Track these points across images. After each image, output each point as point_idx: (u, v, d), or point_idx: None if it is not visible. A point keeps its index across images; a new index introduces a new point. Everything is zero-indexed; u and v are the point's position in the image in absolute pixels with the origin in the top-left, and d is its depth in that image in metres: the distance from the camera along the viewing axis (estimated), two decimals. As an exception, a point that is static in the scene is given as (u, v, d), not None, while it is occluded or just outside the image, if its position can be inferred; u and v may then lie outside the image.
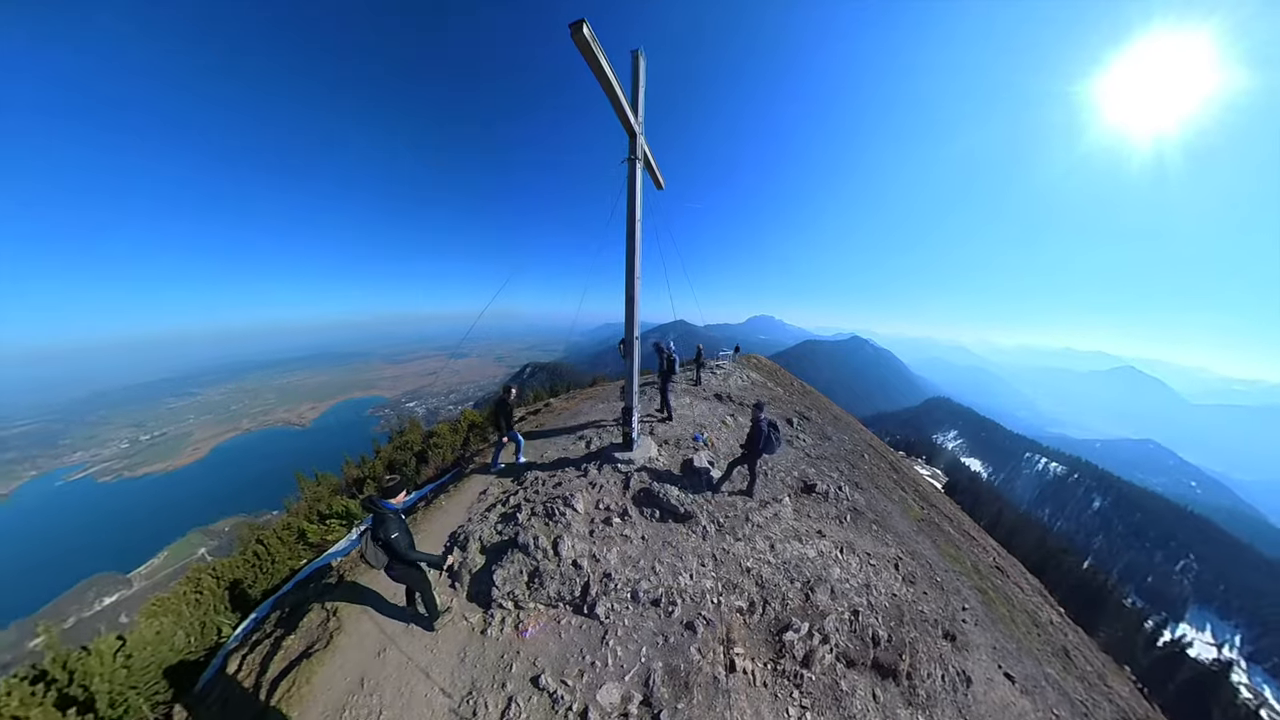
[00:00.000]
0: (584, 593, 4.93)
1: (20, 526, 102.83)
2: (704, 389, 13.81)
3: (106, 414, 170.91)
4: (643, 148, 6.88)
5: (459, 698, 3.95)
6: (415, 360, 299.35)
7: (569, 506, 5.91)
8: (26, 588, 74.83)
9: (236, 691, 4.34)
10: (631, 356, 7.08)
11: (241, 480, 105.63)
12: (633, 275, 6.82)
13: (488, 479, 7.46)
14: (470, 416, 12.03)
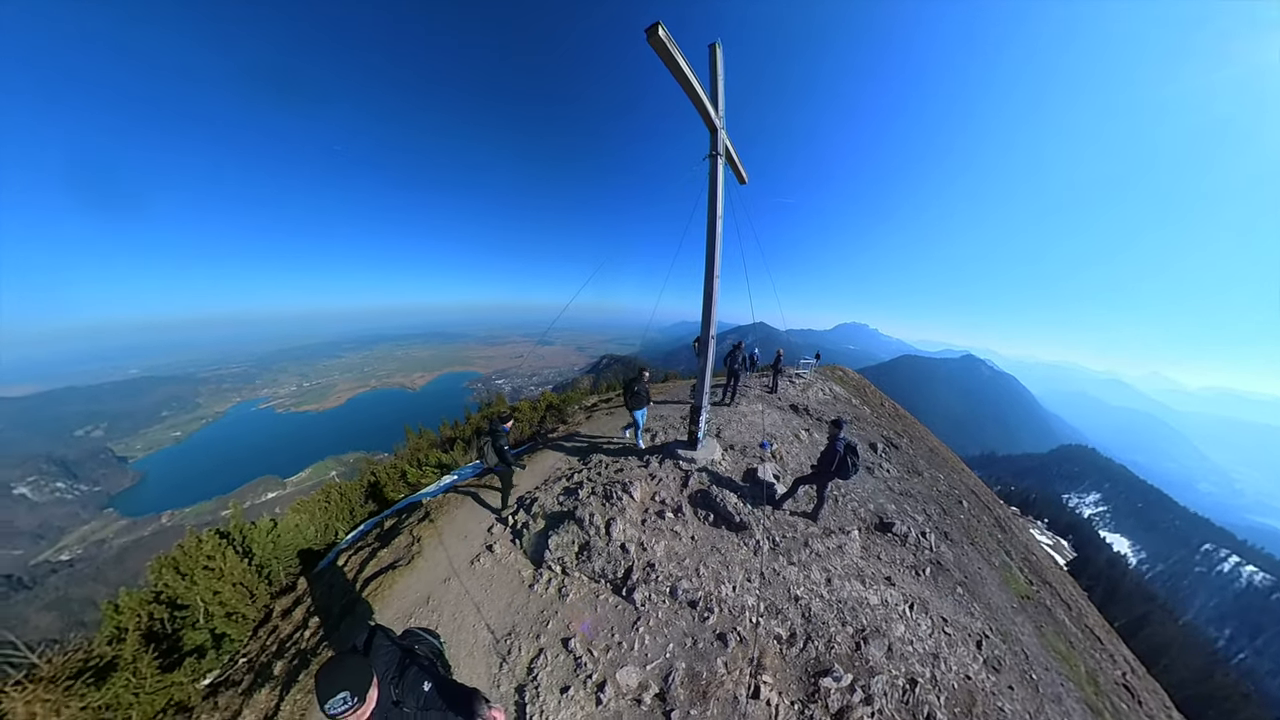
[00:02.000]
0: (626, 576, 5.16)
1: (226, 434, 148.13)
2: (780, 398, 13.10)
3: (284, 365, 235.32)
4: (724, 142, 6.76)
5: (500, 636, 4.44)
6: (506, 344, 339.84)
7: (626, 493, 6.17)
8: (224, 475, 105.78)
9: (340, 580, 5.48)
10: (705, 356, 7.03)
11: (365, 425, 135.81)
12: (711, 273, 6.76)
13: (559, 455, 8.02)
14: (548, 398, 13.05)
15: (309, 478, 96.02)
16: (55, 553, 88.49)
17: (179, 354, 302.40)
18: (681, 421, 9.44)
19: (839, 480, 6.46)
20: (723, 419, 9.95)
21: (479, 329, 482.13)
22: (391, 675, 2.25)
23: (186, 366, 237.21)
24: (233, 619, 5.53)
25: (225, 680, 4.89)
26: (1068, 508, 76.23)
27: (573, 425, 9.84)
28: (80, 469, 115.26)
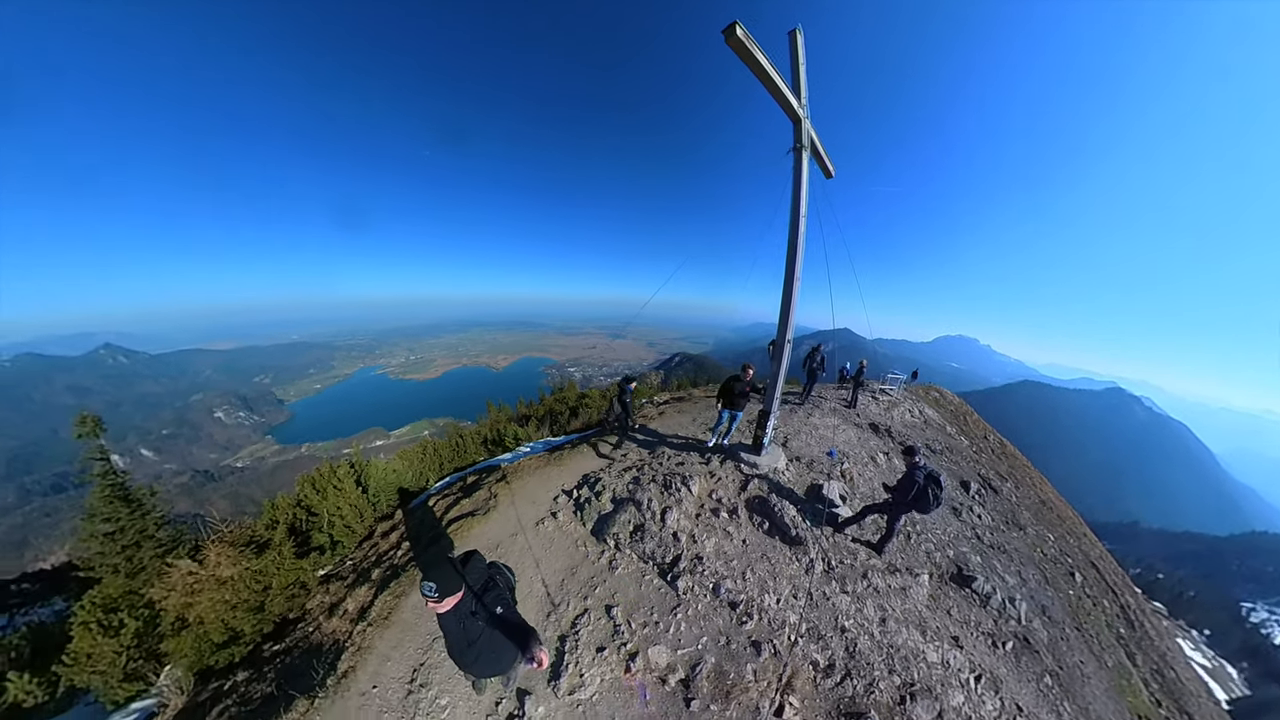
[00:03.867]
0: (673, 563, 5.31)
1: (351, 391, 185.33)
2: (858, 414, 11.88)
3: (398, 340, 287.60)
4: (809, 134, 6.40)
5: (553, 590, 4.88)
6: (581, 334, 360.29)
7: (685, 485, 6.29)
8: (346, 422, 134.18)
9: (429, 517, 6.43)
10: (779, 360, 6.82)
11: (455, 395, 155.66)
12: (792, 274, 6.48)
13: (626, 442, 8.36)
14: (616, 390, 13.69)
15: (407, 433, 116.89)
16: (234, 460, 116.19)
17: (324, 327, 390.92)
18: (748, 425, 9.26)
19: (916, 514, 5.88)
20: (791, 428, 9.53)
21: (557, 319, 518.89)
22: (477, 590, 2.75)
23: (328, 336, 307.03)
24: (346, 530, 6.84)
25: (335, 574, 6.09)
26: (1247, 622, 54.42)
27: (640, 416, 10.17)
28: (254, 405, 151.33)
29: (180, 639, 4.92)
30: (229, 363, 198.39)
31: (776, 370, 6.94)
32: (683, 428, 9.32)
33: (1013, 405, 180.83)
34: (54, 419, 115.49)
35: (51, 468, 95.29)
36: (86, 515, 6.30)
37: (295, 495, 7.08)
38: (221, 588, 5.30)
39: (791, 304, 6.64)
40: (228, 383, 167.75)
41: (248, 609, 5.30)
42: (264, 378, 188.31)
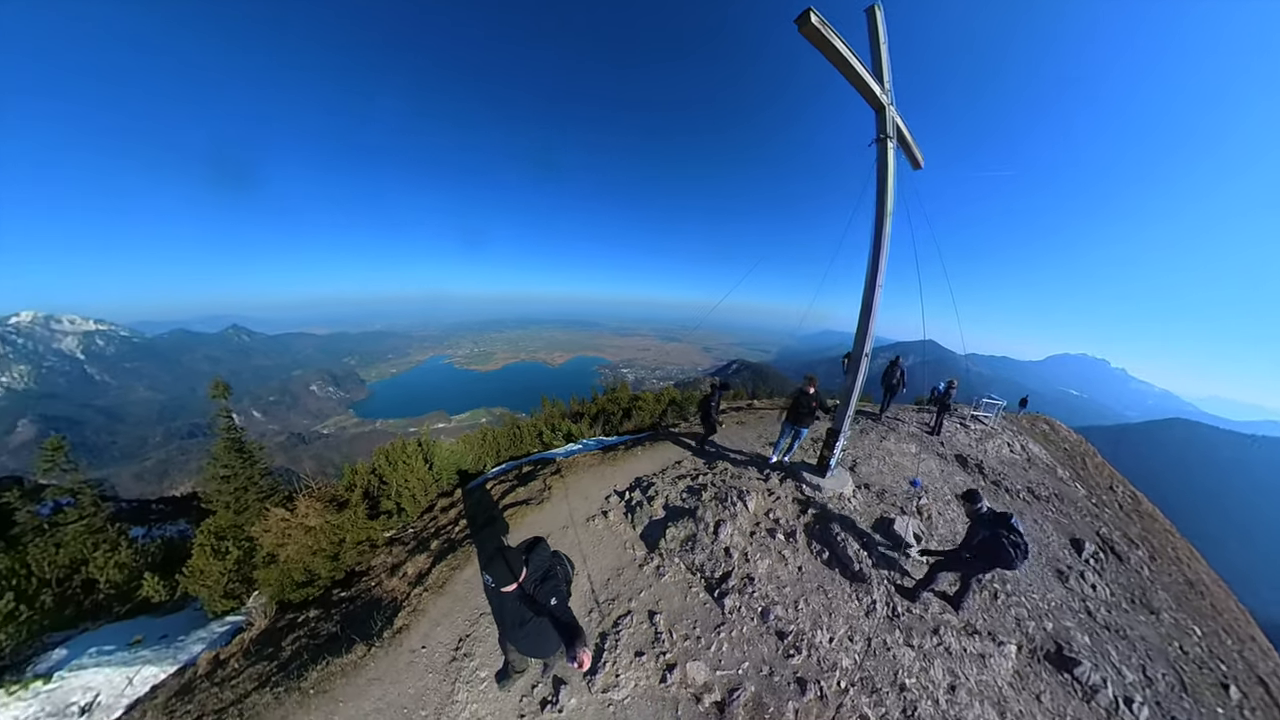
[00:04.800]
0: (722, 579, 5.11)
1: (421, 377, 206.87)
2: (943, 443, 10.44)
3: (464, 333, 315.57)
4: (894, 121, 5.81)
5: (599, 588, 4.90)
6: (635, 336, 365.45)
7: (741, 500, 6.05)
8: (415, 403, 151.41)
9: (486, 499, 6.77)
10: (855, 374, 6.30)
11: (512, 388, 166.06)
12: (874, 280, 5.93)
13: (679, 450, 8.26)
14: (671, 394, 13.54)
15: (466, 419, 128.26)
16: (321, 427, 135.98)
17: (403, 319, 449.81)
18: (813, 444, 8.73)
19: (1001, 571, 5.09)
20: (861, 451, 8.80)
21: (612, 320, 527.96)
22: (538, 577, 2.87)
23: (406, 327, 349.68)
24: (412, 500, 7.47)
25: (398, 539, 6.65)
26: None
27: (694, 425, 9.99)
28: (342, 382, 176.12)
29: (269, 572, 5.67)
30: (325, 345, 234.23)
31: (851, 385, 6.45)
32: (742, 440, 9.00)
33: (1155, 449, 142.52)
34: (193, 381, 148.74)
35: (189, 418, 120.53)
36: (210, 459, 7.73)
37: (371, 464, 7.90)
38: (307, 535, 6.04)
39: (872, 312, 6.10)
40: (322, 362, 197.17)
41: (325, 556, 5.97)
42: (351, 360, 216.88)
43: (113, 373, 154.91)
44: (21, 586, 5.62)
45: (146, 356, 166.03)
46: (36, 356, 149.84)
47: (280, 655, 4.57)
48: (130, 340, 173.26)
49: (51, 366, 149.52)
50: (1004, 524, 4.71)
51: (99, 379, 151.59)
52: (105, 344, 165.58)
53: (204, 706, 4.09)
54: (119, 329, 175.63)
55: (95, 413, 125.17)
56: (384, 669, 4.15)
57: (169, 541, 7.81)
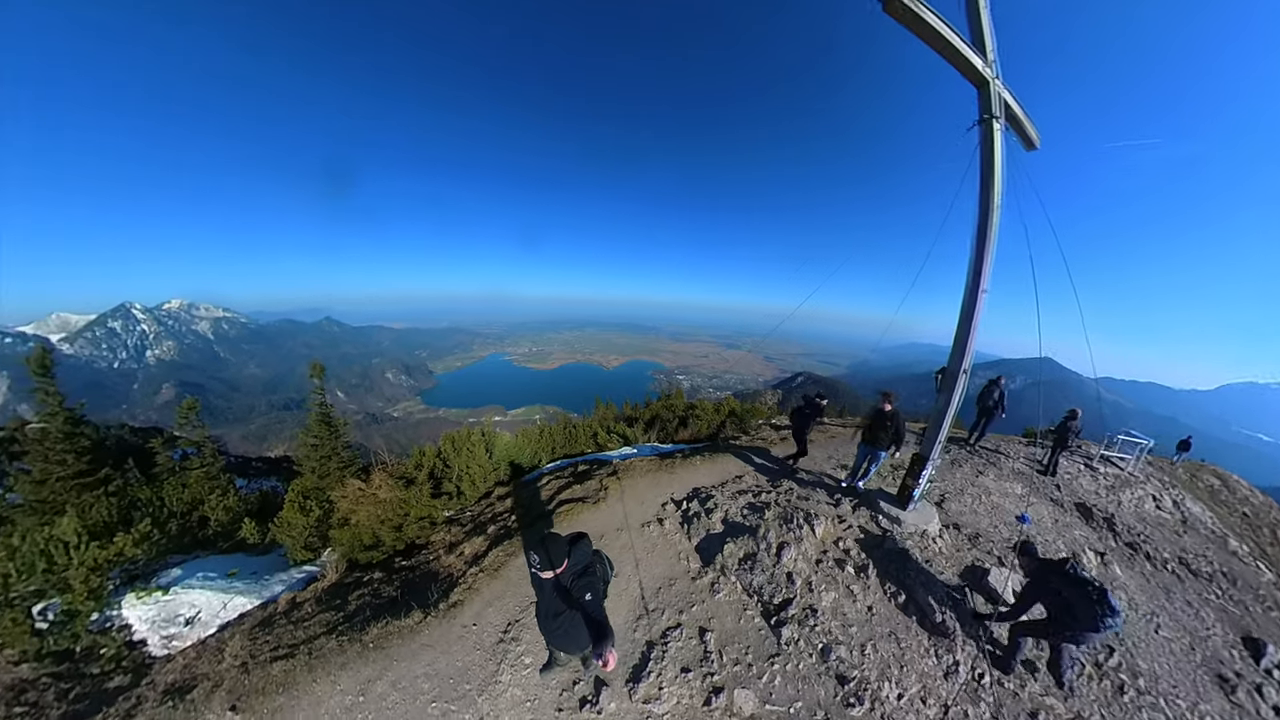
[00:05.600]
0: (781, 606, 4.80)
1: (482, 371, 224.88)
2: (1058, 485, 8.81)
3: (524, 332, 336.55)
4: (1001, 97, 5.14)
5: (649, 596, 4.81)
6: (692, 341, 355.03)
7: (808, 523, 5.69)
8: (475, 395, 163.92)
9: (542, 494, 6.92)
10: (950, 393, 5.57)
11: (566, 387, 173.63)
12: (977, 284, 5.26)
13: (739, 464, 7.97)
14: (731, 404, 13.16)
15: (521, 414, 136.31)
16: (392, 410, 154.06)
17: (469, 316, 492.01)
18: (892, 471, 7.99)
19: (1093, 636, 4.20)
20: (952, 484, 7.81)
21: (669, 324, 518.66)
22: (577, 570, 2.96)
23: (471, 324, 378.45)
24: (471, 485, 7.91)
25: (455, 519, 7.05)
26: None
27: (756, 439, 9.59)
28: (413, 372, 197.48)
29: (342, 532, 6.28)
30: (400, 338, 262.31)
31: (944, 406, 5.77)
32: (809, 459, 8.46)
33: None
34: (293, 362, 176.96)
35: (286, 393, 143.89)
36: (304, 429, 8.87)
37: (437, 448, 8.54)
38: (377, 505, 6.63)
39: (973, 321, 5.38)
40: (397, 353, 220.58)
41: (390, 526, 6.51)
42: (422, 352, 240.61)
43: (233, 352, 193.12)
44: (156, 515, 6.77)
45: (258, 340, 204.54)
46: (179, 335, 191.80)
47: (346, 608, 5.01)
48: (247, 326, 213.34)
49: (190, 344, 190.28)
50: (1097, 591, 3.94)
51: (223, 356, 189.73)
52: (229, 328, 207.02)
53: (280, 640, 4.58)
54: (239, 316, 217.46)
55: (218, 383, 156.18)
56: (436, 638, 4.38)
57: (265, 494, 8.98)
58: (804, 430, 7.36)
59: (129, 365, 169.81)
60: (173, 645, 5.02)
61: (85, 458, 7.88)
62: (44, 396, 7.58)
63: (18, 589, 4.76)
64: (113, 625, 5.06)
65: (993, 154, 5.20)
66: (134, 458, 9.18)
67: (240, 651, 4.50)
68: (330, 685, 4.01)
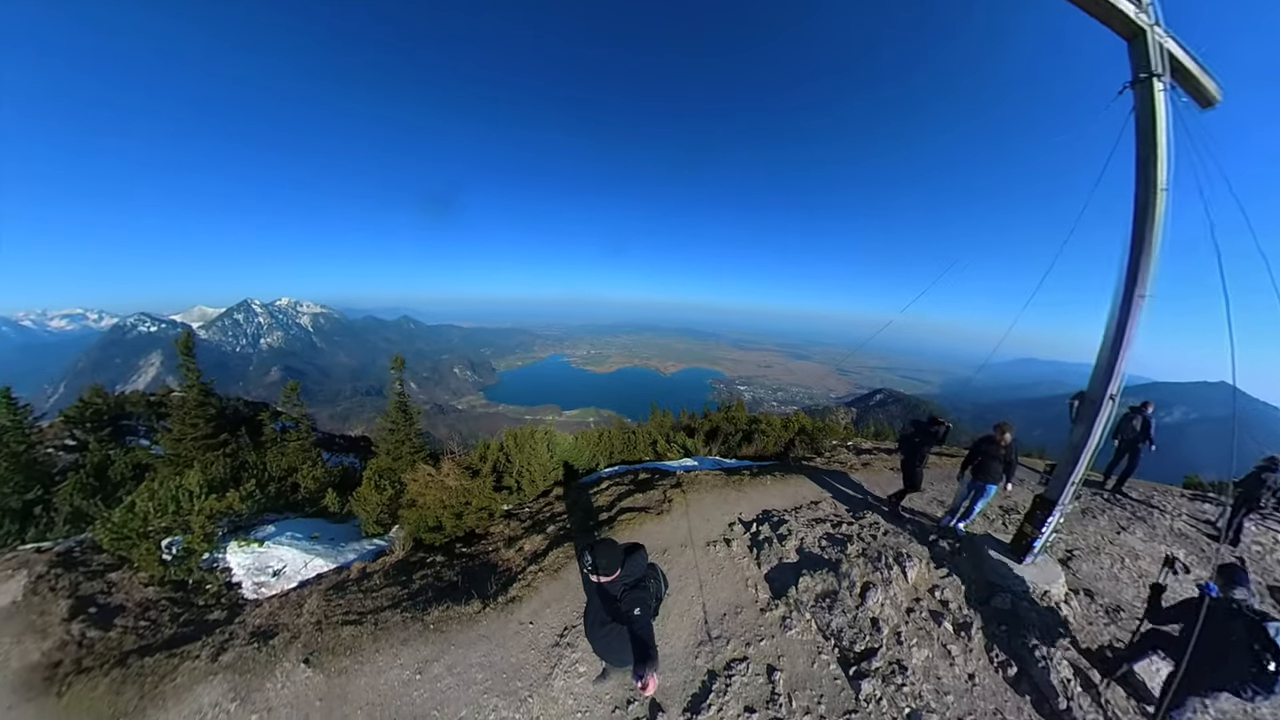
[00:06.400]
0: (862, 656, 4.32)
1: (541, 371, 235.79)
2: (1241, 558, 6.52)
3: (583, 335, 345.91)
4: (1161, 49, 4.24)
5: (712, 622, 4.54)
6: (755, 349, 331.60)
7: (899, 565, 5.11)
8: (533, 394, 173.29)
9: (602, 498, 6.87)
10: (1090, 423, 4.69)
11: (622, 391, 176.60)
12: (1132, 288, 4.41)
13: (815, 488, 7.42)
14: (801, 420, 12.39)
15: (576, 416, 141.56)
16: (456, 403, 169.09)
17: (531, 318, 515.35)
18: (1002, 514, 6.99)
19: None
20: (1084, 539, 6.51)
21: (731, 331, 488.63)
22: (629, 582, 2.88)
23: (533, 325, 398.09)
24: (531, 483, 8.13)
25: (514, 514, 7.23)
26: None
27: (832, 461, 8.89)
28: (478, 368, 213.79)
29: (410, 512, 6.68)
30: (468, 337, 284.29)
31: (1080, 439, 4.83)
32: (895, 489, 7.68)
33: None
34: (375, 354, 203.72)
35: (368, 381, 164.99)
36: (383, 414, 9.91)
37: (500, 442, 8.93)
38: (443, 491, 7.01)
39: (1126, 334, 4.43)
40: (465, 350, 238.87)
41: (452, 513, 6.84)
42: (487, 351, 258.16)
43: (327, 343, 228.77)
44: (259, 477, 7.70)
45: (347, 334, 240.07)
46: (286, 327, 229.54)
47: (410, 585, 5.28)
48: (339, 321, 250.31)
49: (294, 335, 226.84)
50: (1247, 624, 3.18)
51: (319, 346, 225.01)
52: (325, 323, 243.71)
53: (350, 605, 4.91)
54: (334, 312, 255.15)
55: (313, 369, 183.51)
56: (493, 629, 4.45)
57: (345, 469, 9.95)
58: (916, 462, 6.37)
59: (247, 350, 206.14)
60: (261, 592, 5.68)
61: (211, 423, 9.38)
62: (186, 371, 9.35)
63: (153, 524, 5.74)
64: (217, 566, 5.88)
65: (1154, 122, 4.32)
66: (246, 427, 10.66)
67: (316, 609, 4.90)
68: (391, 658, 4.22)
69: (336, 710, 3.85)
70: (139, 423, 11.84)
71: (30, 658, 4.74)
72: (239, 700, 3.98)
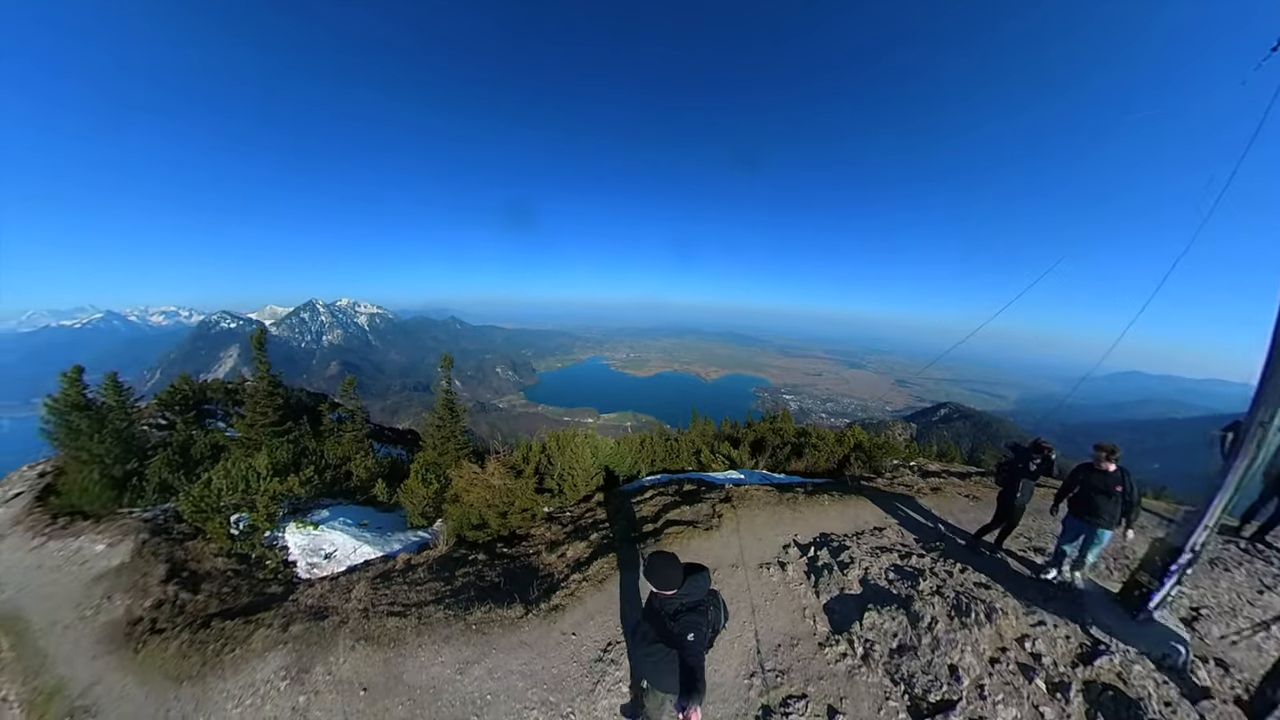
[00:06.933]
0: (937, 707, 3.88)
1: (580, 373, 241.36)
2: None
3: (622, 338, 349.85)
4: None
5: (765, 650, 4.25)
6: (804, 357, 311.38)
7: (988, 618, 4.52)
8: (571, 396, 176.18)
9: (646, 508, 6.74)
10: (1246, 457, 3.95)
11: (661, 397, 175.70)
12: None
13: (878, 512, 6.87)
14: (858, 435, 11.65)
15: (614, 419, 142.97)
16: (497, 401, 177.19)
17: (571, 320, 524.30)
18: (1109, 557, 6.14)
19: None
20: (1214, 597, 5.32)
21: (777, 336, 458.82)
22: (687, 603, 2.71)
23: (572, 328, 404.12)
24: (573, 487, 8.10)
25: (555, 517, 7.24)
26: None
27: (896, 483, 8.24)
28: (518, 369, 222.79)
29: (454, 508, 6.82)
30: (510, 338, 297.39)
31: (1225, 475, 4.18)
32: (973, 521, 6.83)
33: None
34: (423, 353, 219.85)
35: (416, 377, 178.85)
36: (431, 410, 10.29)
37: (542, 443, 9.00)
38: (487, 490, 7.13)
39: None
40: (507, 350, 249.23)
41: (496, 512, 6.91)
42: (528, 352, 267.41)
43: (380, 340, 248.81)
44: (318, 464, 8.21)
45: (399, 333, 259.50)
46: (345, 326, 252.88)
47: (453, 582, 5.33)
48: (392, 321, 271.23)
49: (351, 333, 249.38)
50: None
51: (373, 343, 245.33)
52: (380, 322, 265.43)
53: (395, 596, 5.04)
54: (387, 312, 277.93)
55: (368, 364, 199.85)
56: (535, 637, 4.39)
57: (394, 460, 10.43)
58: (1014, 494, 5.46)
59: (310, 345, 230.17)
60: (313, 572, 6.04)
61: (278, 411, 10.19)
62: (258, 364, 10.37)
63: (225, 500, 6.35)
64: (277, 544, 6.34)
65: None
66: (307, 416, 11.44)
67: (364, 597, 5.07)
68: (433, 654, 4.26)
69: (379, 702, 3.92)
70: (218, 407, 13.05)
71: (115, 614, 5.29)
72: (290, 679, 4.15)
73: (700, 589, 2.81)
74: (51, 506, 7.70)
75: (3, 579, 6.38)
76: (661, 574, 2.65)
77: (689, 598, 2.73)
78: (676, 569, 2.69)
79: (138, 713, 4.13)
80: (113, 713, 4.19)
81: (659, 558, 2.71)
